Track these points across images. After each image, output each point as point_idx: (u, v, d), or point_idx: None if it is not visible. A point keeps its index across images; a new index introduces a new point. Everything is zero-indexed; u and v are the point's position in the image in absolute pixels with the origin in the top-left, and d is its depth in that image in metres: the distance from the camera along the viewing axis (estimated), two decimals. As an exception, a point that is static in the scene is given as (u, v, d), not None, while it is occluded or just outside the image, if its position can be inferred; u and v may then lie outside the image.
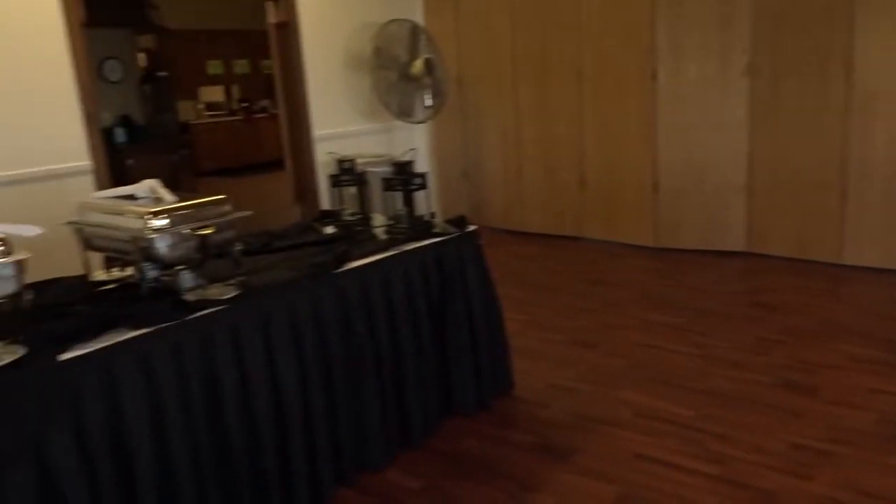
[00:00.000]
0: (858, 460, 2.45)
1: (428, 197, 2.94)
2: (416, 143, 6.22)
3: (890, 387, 2.94)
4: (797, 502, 2.25)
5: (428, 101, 5.55)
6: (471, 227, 2.90)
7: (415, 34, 5.53)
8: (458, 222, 2.89)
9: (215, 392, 2.05)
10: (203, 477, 2.02)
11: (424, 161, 5.91)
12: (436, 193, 5.85)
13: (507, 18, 5.77)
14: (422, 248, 2.70)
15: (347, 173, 3.07)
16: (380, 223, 3.00)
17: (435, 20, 6.12)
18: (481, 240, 2.93)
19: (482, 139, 6.19)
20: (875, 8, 4.23)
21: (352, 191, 3.13)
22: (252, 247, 2.76)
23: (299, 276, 2.31)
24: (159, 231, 2.07)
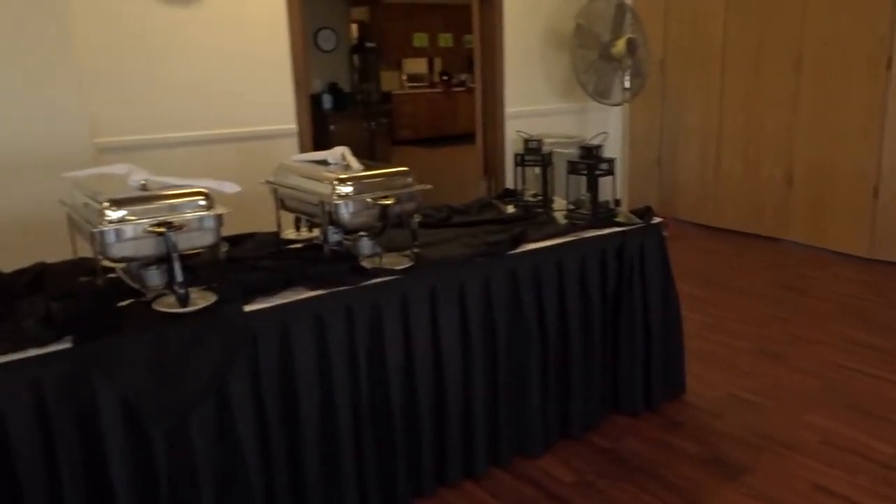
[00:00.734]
0: None
1: (613, 183, 2.81)
2: (609, 126, 6.02)
3: None
4: None
5: (627, 82, 5.33)
6: (656, 220, 2.75)
7: (620, 12, 5.32)
8: (643, 213, 2.75)
9: (380, 357, 2.11)
10: (362, 435, 2.10)
11: (616, 145, 5.70)
12: (624, 179, 5.64)
13: (723, -2, 5.39)
14: (601, 236, 2.60)
15: (533, 153, 3.02)
16: (561, 207, 2.92)
17: (643, -2, 5.85)
18: (666, 233, 2.77)
19: (680, 125, 5.87)
20: None
21: (536, 171, 3.07)
22: (432, 219, 2.81)
23: (473, 253, 2.31)
24: (344, 198, 2.15)
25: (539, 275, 2.42)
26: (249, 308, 1.90)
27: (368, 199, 2.18)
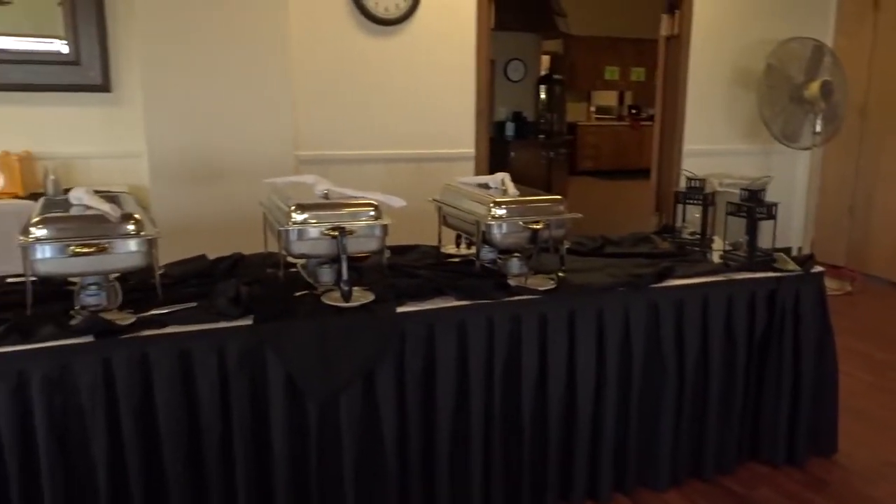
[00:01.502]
0: None
1: (774, 228, 2.76)
2: (797, 172, 5.77)
3: None
4: None
5: (818, 126, 5.10)
6: (817, 269, 2.67)
7: (817, 55, 5.11)
8: (804, 261, 2.69)
9: (516, 370, 2.26)
10: (491, 441, 2.26)
11: (802, 191, 5.45)
12: (808, 227, 5.36)
13: (938, 42, 5.00)
14: (753, 280, 2.58)
15: (695, 192, 3.03)
16: (719, 248, 2.92)
17: (846, 41, 5.56)
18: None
19: (878, 174, 5.48)
20: None
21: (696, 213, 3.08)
22: (585, 247, 2.92)
23: (614, 283, 2.40)
24: (497, 219, 2.34)
25: (682, 311, 2.46)
26: (401, 309, 2.14)
27: (520, 223, 2.35)
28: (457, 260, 2.66)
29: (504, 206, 2.35)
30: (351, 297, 2.11)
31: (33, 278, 1.91)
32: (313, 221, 2.12)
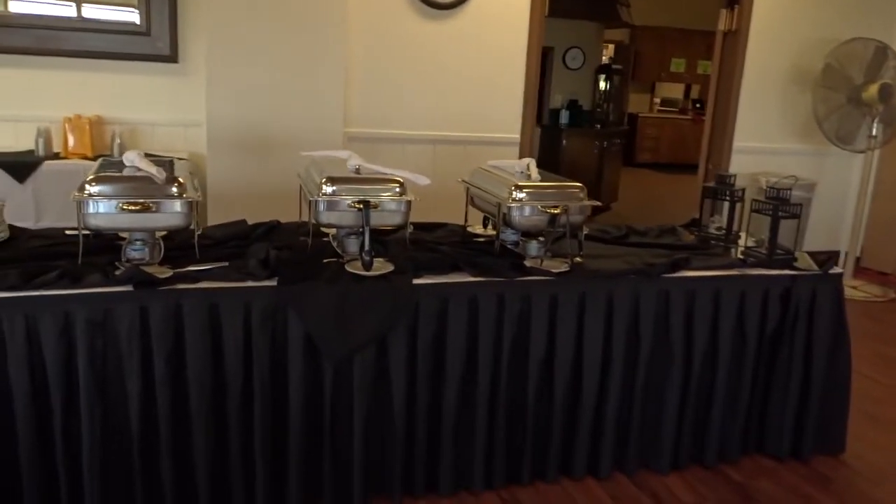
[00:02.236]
0: None
1: (798, 228, 2.79)
2: (851, 175, 5.66)
3: None
4: None
5: (874, 129, 5.00)
6: (836, 270, 2.70)
7: (880, 56, 5.00)
8: (824, 261, 2.71)
9: (524, 348, 2.38)
10: (496, 412, 2.39)
11: (854, 195, 5.35)
12: (858, 232, 5.26)
13: None
14: (767, 276, 2.62)
15: (724, 188, 3.07)
16: (741, 244, 2.96)
17: (912, 42, 5.41)
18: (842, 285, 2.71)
19: (938, 183, 5.34)
20: None
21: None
22: (609, 236, 3.00)
23: (626, 270, 2.48)
24: (516, 202, 2.45)
25: (693, 301, 2.53)
26: (418, 281, 2.27)
27: (539, 207, 2.45)
28: (482, 240, 2.78)
29: (524, 190, 2.46)
30: (371, 266, 2.25)
31: (86, 232, 2.13)
32: (341, 194, 2.27)
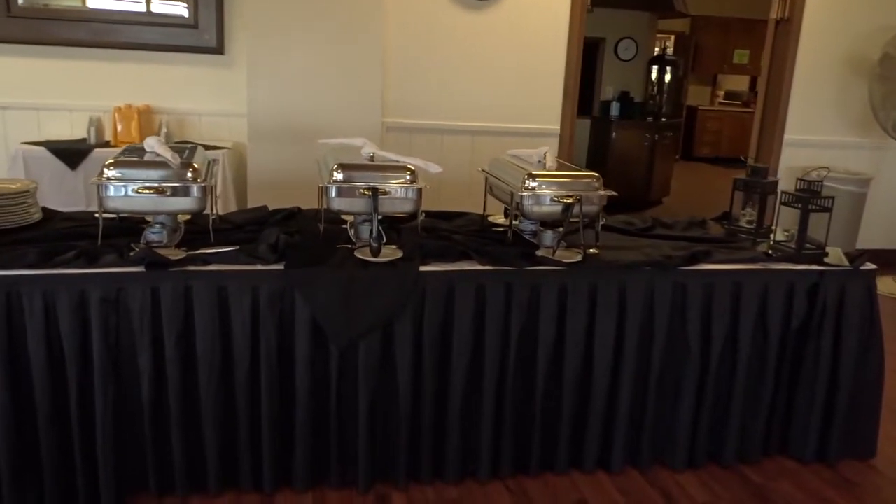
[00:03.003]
0: None
1: (829, 222, 2.68)
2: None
3: None
4: None
5: (936, 122, 4.76)
6: (868, 266, 2.58)
7: (944, 43, 4.76)
8: (855, 258, 2.60)
9: (532, 338, 2.36)
10: (504, 401, 2.38)
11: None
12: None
13: None
14: (792, 271, 2.53)
15: (756, 179, 2.97)
16: (771, 237, 2.86)
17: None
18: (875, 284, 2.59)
19: None
20: None
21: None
22: (634, 227, 2.95)
23: (641, 261, 2.43)
24: (529, 191, 2.43)
25: (711, 295, 2.46)
26: (425, 268, 2.28)
27: (551, 196, 2.43)
28: (500, 230, 2.76)
29: (538, 179, 2.44)
30: (380, 253, 2.27)
31: (106, 214, 2.21)
32: (352, 181, 2.30)
